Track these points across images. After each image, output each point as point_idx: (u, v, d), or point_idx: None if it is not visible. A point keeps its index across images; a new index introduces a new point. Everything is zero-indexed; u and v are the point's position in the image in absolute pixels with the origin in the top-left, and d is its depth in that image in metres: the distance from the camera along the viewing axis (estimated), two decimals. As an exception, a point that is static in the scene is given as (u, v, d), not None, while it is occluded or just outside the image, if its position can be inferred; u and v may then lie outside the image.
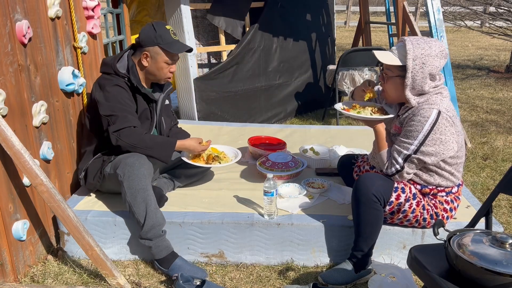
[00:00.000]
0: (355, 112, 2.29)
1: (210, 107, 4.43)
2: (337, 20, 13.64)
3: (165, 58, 2.44)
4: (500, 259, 1.40)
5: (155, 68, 2.47)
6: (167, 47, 2.41)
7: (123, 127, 2.33)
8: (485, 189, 3.41)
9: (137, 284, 2.25)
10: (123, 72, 2.45)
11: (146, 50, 2.43)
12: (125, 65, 2.46)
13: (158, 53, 2.43)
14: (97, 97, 2.41)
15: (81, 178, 2.57)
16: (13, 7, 2.11)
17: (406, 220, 2.25)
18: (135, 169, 2.27)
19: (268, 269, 2.40)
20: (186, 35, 4.21)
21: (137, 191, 2.25)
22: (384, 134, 2.25)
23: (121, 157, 2.36)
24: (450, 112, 2.08)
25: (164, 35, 2.41)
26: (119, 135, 2.32)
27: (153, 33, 2.41)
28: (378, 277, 2.05)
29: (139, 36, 2.45)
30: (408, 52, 2.07)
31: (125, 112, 2.37)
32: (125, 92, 2.42)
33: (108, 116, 2.36)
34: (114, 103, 2.37)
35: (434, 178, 2.17)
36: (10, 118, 2.11)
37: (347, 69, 4.94)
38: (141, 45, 2.45)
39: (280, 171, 2.78)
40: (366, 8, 5.95)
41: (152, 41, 2.41)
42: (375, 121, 2.26)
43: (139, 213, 2.25)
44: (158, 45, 2.41)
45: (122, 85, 2.42)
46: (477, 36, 13.17)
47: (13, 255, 2.19)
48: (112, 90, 2.39)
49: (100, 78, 2.48)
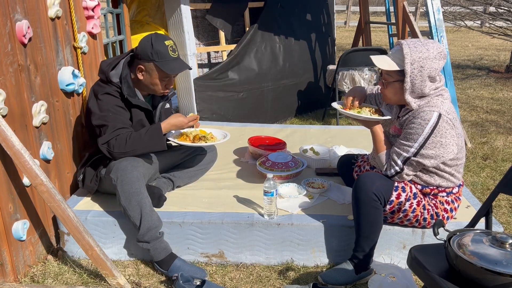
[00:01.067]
0: (355, 112, 2.28)
1: (210, 107, 4.43)
2: (337, 20, 13.64)
3: (160, 75, 2.38)
4: (500, 259, 1.40)
5: (149, 83, 2.41)
6: (162, 66, 2.33)
7: (110, 139, 2.30)
8: (485, 189, 3.41)
9: (137, 284, 2.25)
10: (116, 81, 2.38)
11: (141, 64, 2.37)
12: (119, 73, 2.39)
13: (153, 69, 2.35)
14: (90, 106, 2.39)
15: (79, 180, 2.57)
16: (13, 7, 2.11)
17: (406, 219, 2.25)
18: (128, 172, 2.26)
19: (268, 269, 2.40)
20: (186, 35, 4.22)
21: (131, 195, 2.24)
22: (382, 136, 2.25)
23: (115, 161, 2.36)
24: (451, 114, 2.08)
25: (161, 52, 2.32)
26: (108, 147, 2.31)
27: (149, 48, 2.32)
28: (378, 277, 2.05)
29: (137, 47, 2.38)
30: (406, 56, 2.06)
31: (115, 121, 2.32)
32: (117, 99, 2.37)
33: (100, 127, 2.34)
34: (105, 112, 2.33)
35: (434, 179, 2.17)
36: (10, 118, 2.11)
37: (347, 69, 4.94)
38: (137, 58, 2.39)
39: (280, 171, 2.78)
40: (366, 8, 5.95)
41: (147, 56, 2.33)
42: (372, 122, 2.26)
43: (135, 217, 2.25)
44: (153, 62, 2.33)
45: (114, 93, 2.36)
46: (477, 36, 13.18)
47: (13, 255, 2.19)
48: (103, 98, 2.35)
49: (95, 84, 2.45)
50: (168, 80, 2.42)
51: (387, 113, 2.30)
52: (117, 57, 2.48)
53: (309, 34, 5.30)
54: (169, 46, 2.35)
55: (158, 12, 4.62)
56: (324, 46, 5.56)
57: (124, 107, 2.39)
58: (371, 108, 2.32)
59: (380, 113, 2.30)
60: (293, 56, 5.10)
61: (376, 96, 2.53)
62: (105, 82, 2.40)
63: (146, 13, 4.69)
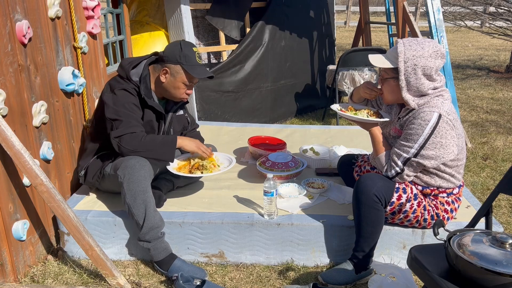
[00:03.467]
0: (352, 114, 2.29)
1: (210, 107, 4.43)
2: (337, 20, 13.64)
3: (184, 79, 2.41)
4: (500, 259, 1.40)
5: (171, 86, 2.44)
6: (189, 69, 2.38)
7: (124, 134, 2.31)
8: (485, 189, 3.41)
9: (137, 284, 2.25)
10: (135, 80, 2.43)
11: (167, 66, 2.40)
12: (139, 73, 2.44)
13: (179, 72, 2.40)
14: (105, 99, 2.40)
15: (81, 175, 2.58)
16: (13, 7, 2.11)
17: (406, 220, 2.25)
18: (136, 171, 2.27)
19: (268, 269, 2.40)
20: (186, 35, 4.21)
21: (137, 193, 2.25)
22: (380, 138, 2.26)
23: (122, 159, 2.36)
24: (451, 115, 2.08)
25: (189, 56, 2.38)
26: (120, 141, 2.31)
27: (178, 51, 2.38)
28: (378, 277, 2.05)
29: (164, 50, 2.43)
30: (399, 54, 2.07)
31: (129, 117, 2.35)
32: (133, 97, 2.40)
33: (113, 120, 2.35)
34: (120, 107, 2.35)
35: (434, 180, 2.17)
36: (10, 118, 2.11)
37: (347, 69, 4.94)
38: (163, 60, 2.42)
39: (280, 171, 2.78)
40: (366, 8, 5.95)
41: (175, 59, 2.38)
42: (370, 124, 2.26)
43: (138, 215, 2.26)
44: (181, 64, 2.38)
45: (131, 91, 2.40)
46: (477, 36, 13.18)
47: (13, 255, 2.19)
48: (119, 94, 2.37)
49: (112, 79, 2.47)
50: (190, 85, 2.46)
51: (385, 115, 2.31)
52: (139, 57, 2.52)
53: (309, 34, 5.30)
54: (196, 52, 2.43)
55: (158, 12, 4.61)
56: (324, 46, 5.56)
57: (138, 106, 2.42)
58: (369, 110, 2.33)
59: (378, 115, 2.31)
60: (293, 56, 5.10)
61: (377, 97, 2.54)
62: (123, 79, 2.43)
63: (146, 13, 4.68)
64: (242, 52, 4.57)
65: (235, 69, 4.54)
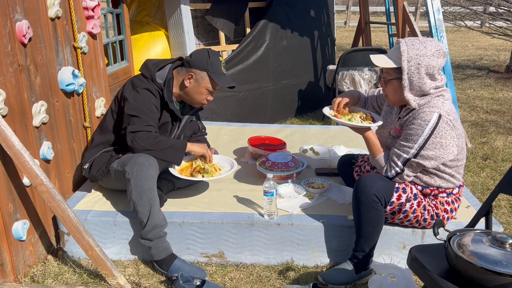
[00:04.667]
0: (346, 120, 2.30)
1: (210, 106, 4.43)
2: (337, 20, 13.65)
3: (208, 86, 2.47)
4: (500, 259, 1.40)
5: (194, 91, 2.49)
6: (214, 77, 2.44)
7: (140, 130, 2.34)
8: (485, 189, 3.41)
9: (137, 284, 2.25)
10: (159, 82, 2.47)
11: (192, 72, 2.45)
12: (164, 76, 2.48)
13: (204, 78, 2.45)
14: (126, 95, 2.43)
15: (85, 168, 2.58)
16: (13, 7, 2.11)
17: (406, 220, 2.25)
18: (144, 169, 2.29)
19: (268, 269, 2.40)
20: (186, 35, 4.21)
21: (143, 191, 2.26)
22: (375, 140, 2.26)
23: (131, 155, 2.38)
24: (451, 115, 2.08)
25: (215, 64, 2.45)
26: (135, 137, 2.34)
27: (206, 58, 2.44)
28: (378, 277, 2.05)
29: (191, 56, 2.48)
30: (403, 53, 2.07)
31: (148, 116, 2.39)
32: (154, 98, 2.44)
33: (132, 116, 2.38)
34: (141, 105, 2.39)
35: (434, 180, 2.17)
36: (10, 118, 2.11)
37: (347, 69, 4.94)
38: (189, 65, 2.46)
39: (280, 171, 2.78)
40: (366, 8, 5.95)
41: (202, 65, 2.44)
42: (363, 128, 2.27)
43: (143, 213, 2.26)
44: (207, 71, 2.44)
45: (153, 92, 2.44)
46: (477, 36, 13.18)
47: (13, 255, 2.19)
48: (142, 92, 2.41)
49: (136, 77, 2.52)
50: (212, 92, 2.52)
51: (377, 117, 2.32)
52: (165, 59, 2.57)
53: (309, 34, 5.30)
54: (222, 62, 2.49)
55: (158, 12, 4.62)
56: (324, 46, 5.56)
57: (158, 108, 2.46)
58: (362, 114, 2.33)
59: (371, 118, 2.32)
60: (293, 56, 5.10)
61: (377, 98, 2.54)
62: (147, 79, 2.47)
63: (146, 13, 4.68)
64: (242, 52, 4.56)
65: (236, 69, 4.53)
